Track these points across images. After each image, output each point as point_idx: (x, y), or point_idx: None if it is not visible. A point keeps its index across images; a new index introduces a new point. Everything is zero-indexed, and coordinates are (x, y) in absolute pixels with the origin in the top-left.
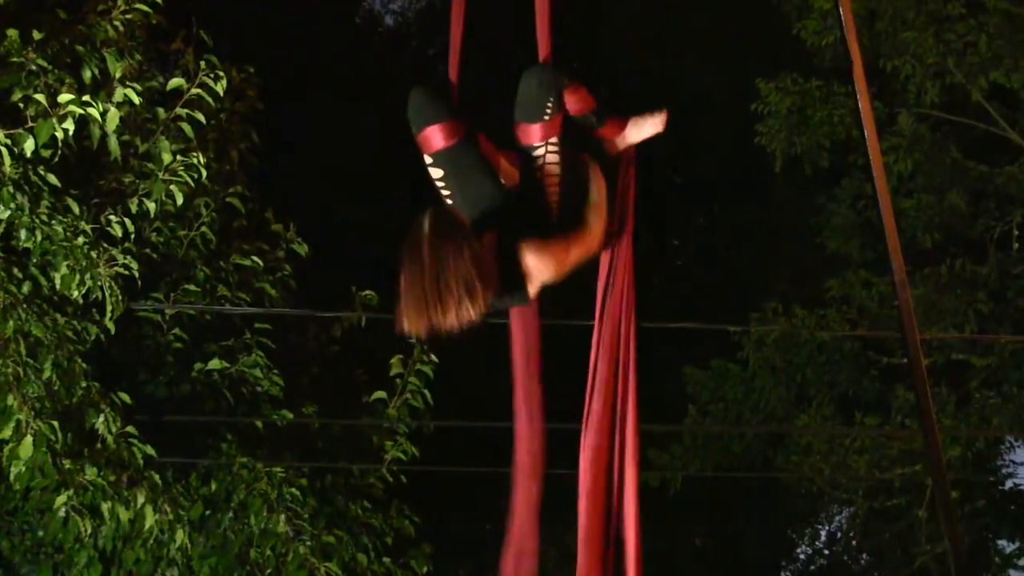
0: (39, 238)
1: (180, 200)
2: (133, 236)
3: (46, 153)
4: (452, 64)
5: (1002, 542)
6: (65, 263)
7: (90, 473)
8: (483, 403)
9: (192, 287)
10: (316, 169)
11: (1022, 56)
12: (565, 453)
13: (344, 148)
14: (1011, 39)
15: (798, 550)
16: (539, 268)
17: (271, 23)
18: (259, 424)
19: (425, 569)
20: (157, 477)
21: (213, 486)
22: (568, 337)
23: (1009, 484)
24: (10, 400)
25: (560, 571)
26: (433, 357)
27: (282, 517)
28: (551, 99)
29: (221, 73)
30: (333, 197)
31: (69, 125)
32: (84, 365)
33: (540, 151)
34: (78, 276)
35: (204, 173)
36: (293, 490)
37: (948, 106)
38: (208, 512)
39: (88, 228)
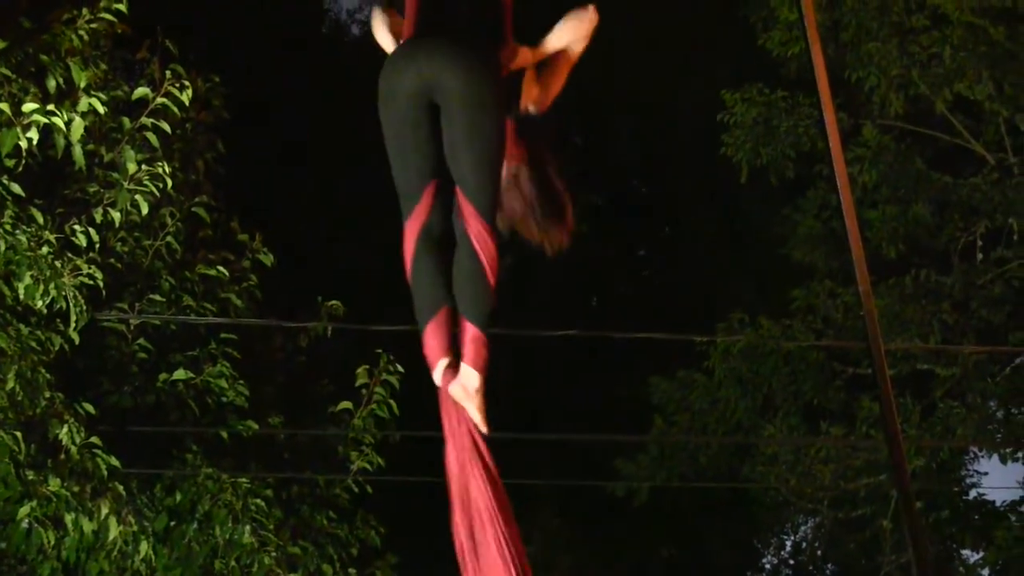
0: (2, 248)
1: (145, 210)
2: (98, 246)
3: (10, 163)
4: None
5: (966, 552)
6: (29, 273)
7: (53, 484)
8: None
9: (157, 297)
10: (282, 179)
11: (986, 68)
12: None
13: (310, 158)
14: (974, 51)
15: (764, 560)
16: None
17: (237, 33)
18: (224, 434)
19: None
20: (121, 488)
21: (178, 497)
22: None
23: (973, 494)
24: None
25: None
26: (399, 367)
27: (247, 528)
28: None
29: (187, 83)
30: (299, 208)
31: (33, 134)
32: (48, 375)
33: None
34: (42, 286)
35: (169, 183)
36: (258, 500)
37: (912, 117)
38: (173, 523)
39: (52, 238)
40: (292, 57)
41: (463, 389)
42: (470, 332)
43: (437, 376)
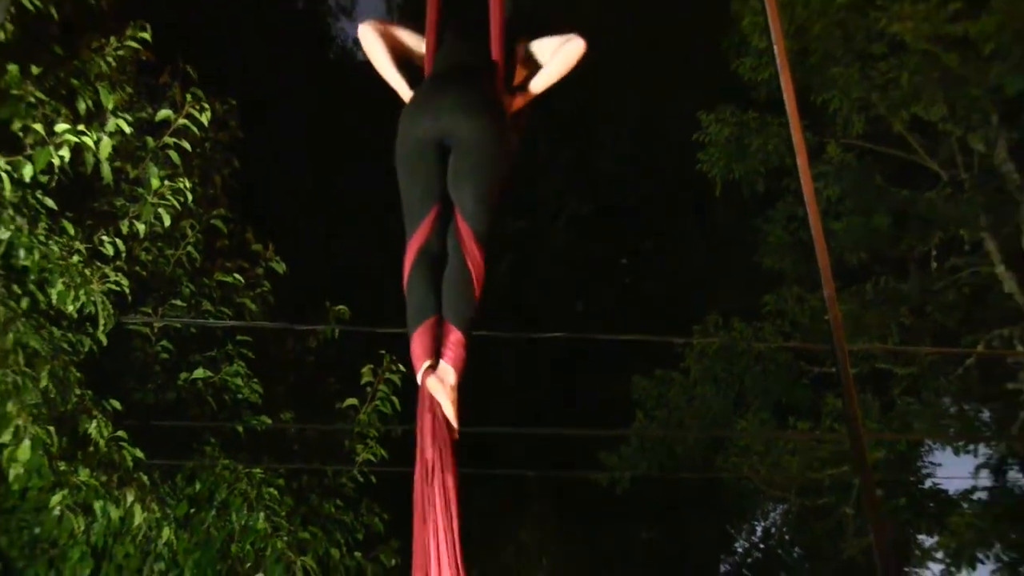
0: (37, 257)
1: (167, 222)
2: (124, 255)
3: (43, 178)
4: (427, 60)
5: (922, 537)
6: (61, 280)
7: (83, 474)
8: None
9: (178, 302)
10: (294, 193)
11: (939, 92)
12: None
13: (320, 173)
14: (929, 76)
15: (736, 544)
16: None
17: (253, 58)
18: (240, 429)
19: (393, 562)
20: (145, 478)
21: (197, 486)
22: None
23: (928, 483)
24: (9, 407)
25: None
26: (401, 367)
27: (261, 514)
28: None
29: (206, 105)
30: (310, 219)
31: (65, 152)
32: (78, 374)
33: None
34: (73, 292)
35: (190, 197)
36: (271, 490)
37: (873, 137)
38: (192, 510)
39: (82, 248)
40: (302, 79)
41: (439, 382)
42: (453, 335)
43: (420, 376)
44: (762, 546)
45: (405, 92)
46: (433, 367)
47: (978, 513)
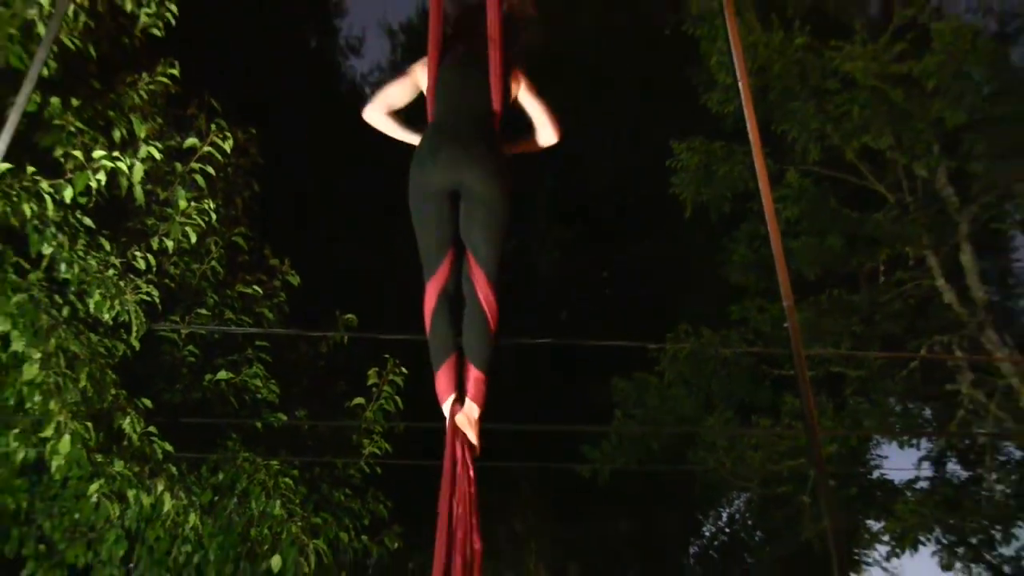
0: (76, 270)
1: (194, 239)
2: (154, 269)
3: (83, 200)
4: (430, 66)
5: (870, 522)
6: (98, 291)
7: (118, 465)
8: None
9: (203, 311)
10: (307, 211)
11: (887, 124)
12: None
13: (330, 192)
14: (877, 110)
15: (704, 528)
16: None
17: (272, 92)
18: (259, 425)
19: (396, 545)
20: (174, 469)
21: (220, 476)
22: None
23: (876, 474)
24: (52, 405)
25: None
26: (403, 369)
27: (278, 502)
28: None
29: (228, 134)
30: (322, 236)
31: (102, 176)
32: (113, 376)
33: None
34: (109, 302)
35: (214, 216)
36: (287, 480)
37: (827, 164)
38: (216, 498)
39: (117, 262)
40: (316, 112)
41: (467, 418)
42: (474, 375)
43: (446, 408)
44: (727, 531)
45: (415, 140)
46: (458, 400)
47: (920, 501)
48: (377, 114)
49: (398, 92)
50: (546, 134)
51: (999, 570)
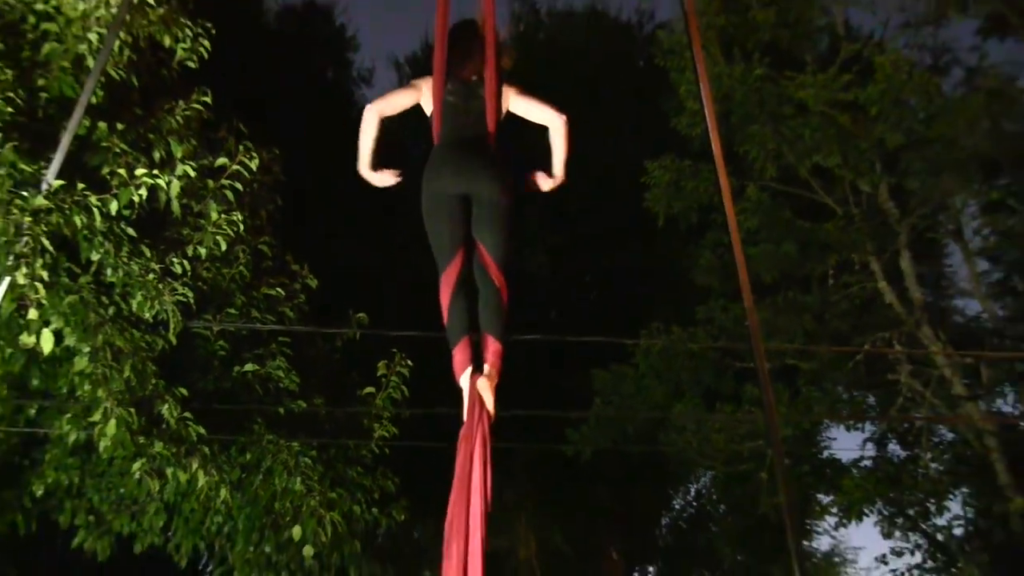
0: (121, 274)
1: (224, 247)
2: (189, 273)
3: (126, 212)
4: (436, 94)
5: (820, 496)
6: (140, 293)
7: (158, 446)
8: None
9: (232, 311)
10: (324, 220)
11: (835, 144)
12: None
13: (345, 204)
14: (826, 132)
15: (674, 502)
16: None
17: (292, 117)
18: (281, 411)
19: (402, 517)
20: (206, 449)
21: (248, 456)
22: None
23: (826, 454)
24: (100, 393)
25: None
26: (409, 362)
27: (298, 479)
28: None
29: (254, 154)
30: (335, 245)
31: (143, 192)
32: (153, 367)
33: None
34: (149, 302)
35: (241, 227)
36: (306, 459)
37: (783, 180)
38: (244, 475)
39: (157, 267)
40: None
41: (487, 382)
42: (493, 346)
43: (464, 380)
44: (694, 504)
45: (365, 163)
46: (475, 371)
47: (864, 477)
48: (373, 114)
49: (401, 99)
50: (552, 120)
51: (933, 538)
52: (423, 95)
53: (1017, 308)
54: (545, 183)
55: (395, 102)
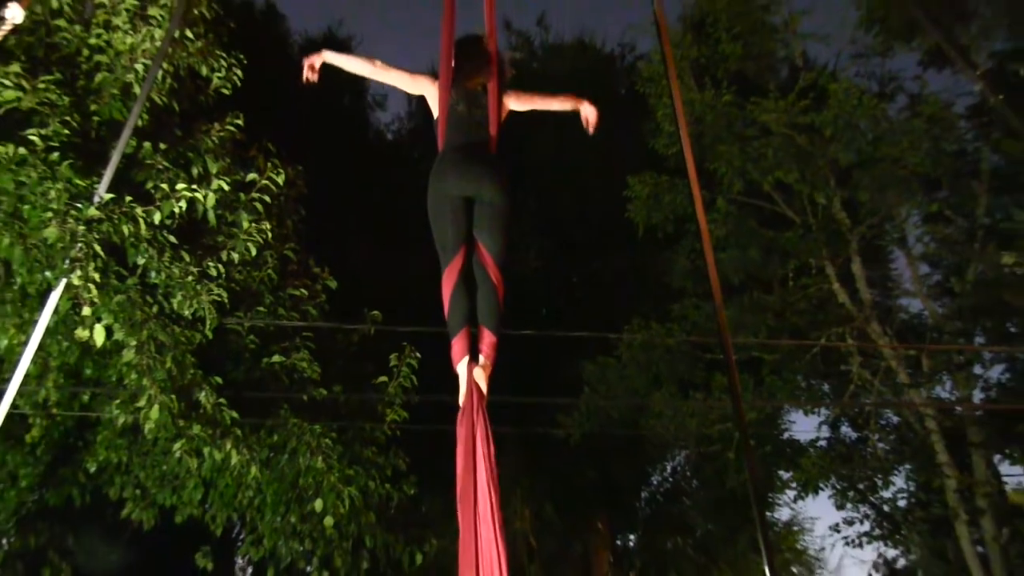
0: (163, 276)
1: (254, 253)
2: (223, 275)
3: (168, 222)
4: (441, 105)
5: (781, 472)
6: (180, 293)
7: (196, 429)
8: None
9: (261, 309)
10: (342, 233)
11: (794, 162)
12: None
13: (358, 213)
14: (787, 152)
15: (652, 478)
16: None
17: (314, 137)
18: (305, 397)
19: (412, 491)
20: (239, 432)
21: (275, 438)
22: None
23: (786, 436)
24: (145, 381)
25: None
26: (417, 354)
27: (320, 457)
28: None
29: (281, 170)
30: (352, 251)
31: (183, 204)
32: (192, 359)
33: None
34: (188, 301)
35: (269, 235)
36: (327, 440)
37: (748, 194)
38: (271, 454)
39: (195, 270)
40: (348, 153)
41: (483, 371)
42: (489, 338)
43: (461, 367)
44: (670, 480)
45: (334, 56)
46: (472, 360)
47: (820, 456)
48: (375, 64)
49: (400, 80)
50: (558, 103)
51: (880, 509)
52: (421, 89)
53: (954, 307)
54: (591, 118)
55: (394, 77)
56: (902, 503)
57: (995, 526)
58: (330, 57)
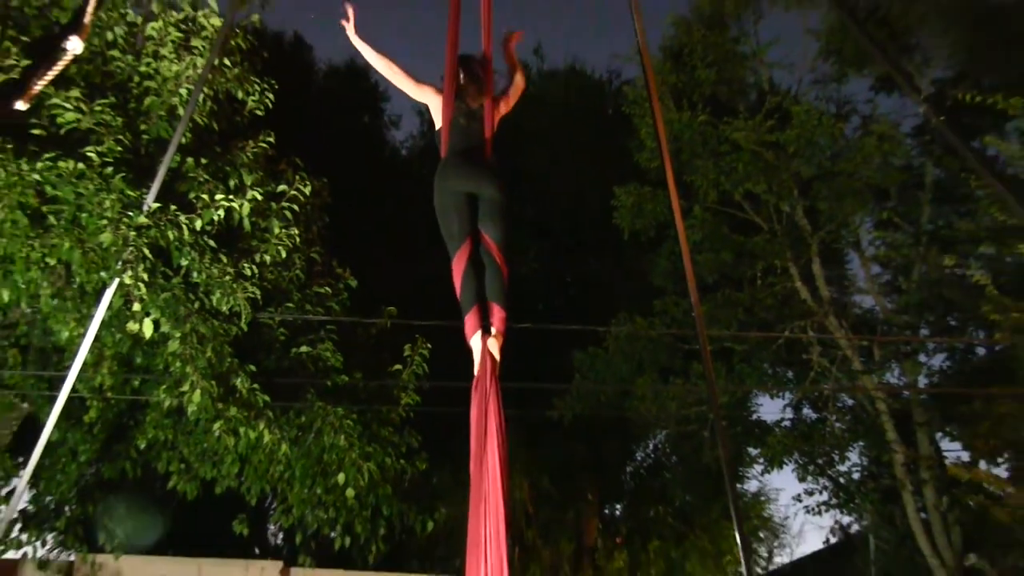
0: (204, 276)
1: (283, 255)
2: (257, 276)
3: (208, 228)
4: (445, 115)
5: (750, 449)
6: (218, 291)
7: (233, 411)
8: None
9: (290, 305)
10: (361, 238)
11: (762, 175)
12: None
13: (377, 221)
14: (756, 166)
15: (636, 455)
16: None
17: (337, 153)
18: (329, 383)
19: (424, 466)
20: (271, 413)
21: (303, 419)
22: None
23: (754, 417)
24: (188, 369)
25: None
26: (428, 345)
27: (342, 436)
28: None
29: (308, 182)
30: (371, 254)
31: (221, 212)
32: (229, 349)
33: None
34: (226, 298)
35: (298, 240)
36: (348, 421)
37: (722, 203)
38: (299, 434)
39: (231, 270)
40: (365, 166)
41: (496, 342)
42: (499, 313)
43: (475, 341)
44: (652, 456)
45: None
46: (484, 333)
47: (784, 434)
48: (386, 60)
49: (405, 83)
50: (518, 79)
51: (837, 481)
52: (424, 98)
53: (902, 303)
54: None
55: (401, 80)
56: (856, 476)
57: (936, 495)
58: (355, 40)
